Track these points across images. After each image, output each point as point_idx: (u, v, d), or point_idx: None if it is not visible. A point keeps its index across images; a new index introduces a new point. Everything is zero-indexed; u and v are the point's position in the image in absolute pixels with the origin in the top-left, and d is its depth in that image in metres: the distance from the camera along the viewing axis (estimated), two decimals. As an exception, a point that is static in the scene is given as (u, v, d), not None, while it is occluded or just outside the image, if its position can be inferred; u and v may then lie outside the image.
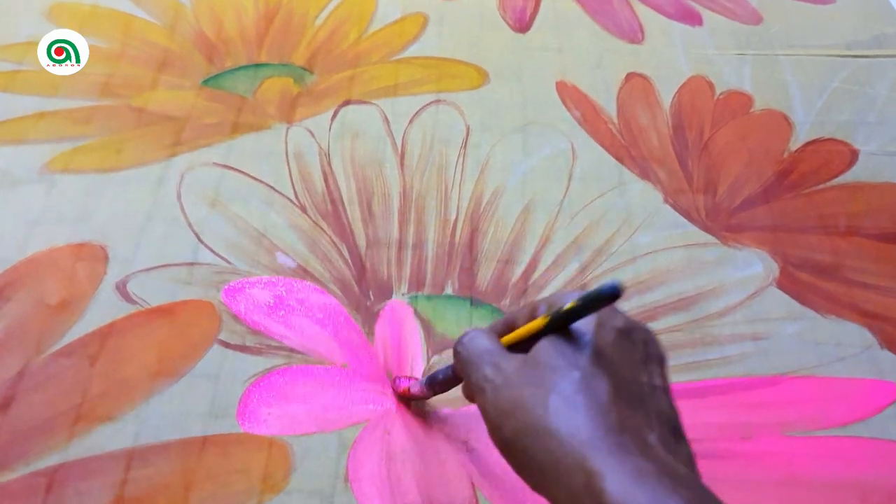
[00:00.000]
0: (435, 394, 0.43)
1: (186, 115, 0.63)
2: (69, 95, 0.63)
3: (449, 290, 0.53)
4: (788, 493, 0.45)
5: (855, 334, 0.53)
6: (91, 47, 0.67)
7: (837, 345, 0.53)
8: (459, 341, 0.36)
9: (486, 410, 0.32)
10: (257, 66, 0.68)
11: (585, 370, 0.30)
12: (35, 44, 0.67)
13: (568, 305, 0.31)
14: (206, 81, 0.66)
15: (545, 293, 0.54)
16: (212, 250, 0.53)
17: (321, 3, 0.75)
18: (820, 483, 0.46)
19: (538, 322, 0.33)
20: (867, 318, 0.54)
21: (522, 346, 0.33)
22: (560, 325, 0.32)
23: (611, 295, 0.29)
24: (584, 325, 0.32)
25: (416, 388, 0.44)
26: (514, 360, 0.32)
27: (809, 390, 0.50)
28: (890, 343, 0.53)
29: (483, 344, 0.34)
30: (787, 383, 0.51)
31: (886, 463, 0.47)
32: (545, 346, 0.32)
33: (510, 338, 0.35)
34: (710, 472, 0.44)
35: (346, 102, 0.65)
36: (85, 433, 0.44)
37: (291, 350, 0.49)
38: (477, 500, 0.43)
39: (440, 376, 0.41)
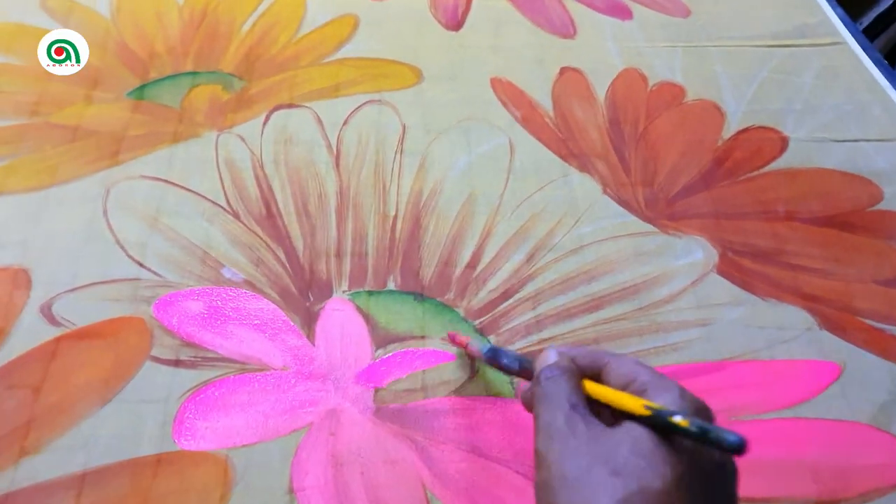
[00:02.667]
0: (491, 367, 0.43)
1: (111, 129, 0.60)
2: None
3: (391, 285, 0.52)
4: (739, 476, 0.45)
5: (795, 317, 0.54)
6: (14, 66, 0.64)
7: (779, 328, 0.53)
8: (545, 373, 0.34)
9: (542, 454, 0.31)
10: (183, 74, 0.66)
11: (678, 479, 0.28)
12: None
13: (679, 421, 0.29)
14: (129, 94, 0.63)
15: (490, 285, 0.53)
16: (141, 265, 0.51)
17: (248, 10, 0.73)
18: (770, 464, 0.46)
19: (635, 407, 0.30)
20: (806, 300, 0.55)
21: (602, 408, 0.32)
22: (659, 427, 0.30)
23: (733, 449, 0.28)
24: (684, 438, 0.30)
25: (474, 347, 0.44)
26: (594, 426, 0.31)
27: (754, 374, 0.51)
28: (829, 324, 0.54)
29: (565, 391, 0.33)
30: (732, 368, 0.51)
31: (835, 441, 0.47)
32: (642, 434, 0.29)
33: (596, 394, 0.33)
34: None
35: (278, 107, 0.64)
36: (30, 456, 0.42)
37: (228, 360, 0.47)
38: (428, 502, 0.42)
39: (504, 361, 0.40)
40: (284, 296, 0.51)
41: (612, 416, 0.32)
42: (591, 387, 0.34)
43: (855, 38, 0.78)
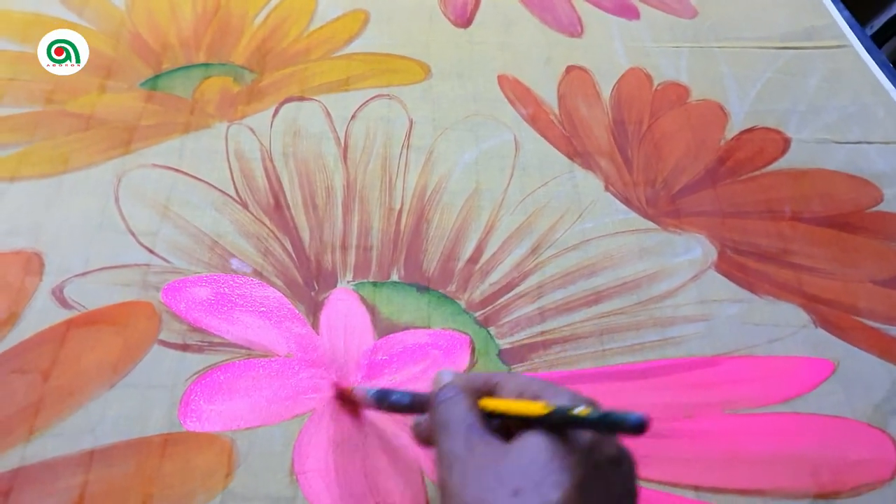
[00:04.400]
0: (380, 410, 0.42)
1: (124, 118, 0.62)
2: (9, 104, 0.62)
3: (395, 277, 0.53)
4: (732, 469, 0.46)
5: (791, 314, 0.55)
6: (30, 55, 0.66)
7: (775, 325, 0.54)
8: (439, 398, 0.34)
9: (443, 482, 0.30)
10: (196, 66, 0.67)
11: (577, 485, 0.28)
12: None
13: (580, 411, 0.29)
14: (143, 84, 0.65)
15: (492, 278, 0.54)
16: (151, 251, 0.53)
17: (260, 3, 0.74)
18: (764, 458, 0.47)
19: (535, 409, 0.30)
20: (803, 298, 0.56)
21: (502, 422, 0.32)
22: (559, 424, 0.30)
23: (635, 427, 0.28)
24: (580, 436, 0.30)
25: (360, 394, 0.43)
26: (493, 445, 0.30)
27: (749, 369, 0.51)
28: (824, 322, 0.54)
29: (462, 412, 0.32)
30: (727, 363, 0.52)
31: (828, 436, 0.48)
32: (538, 443, 0.29)
33: (494, 407, 0.33)
34: (655, 451, 0.45)
35: (288, 99, 0.65)
36: (40, 434, 0.43)
37: (234, 345, 0.48)
38: (426, 488, 0.43)
39: (393, 398, 0.39)
40: (290, 285, 0.52)
41: (508, 431, 0.32)
42: (488, 402, 0.33)
43: (861, 41, 0.79)
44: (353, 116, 0.64)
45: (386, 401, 0.40)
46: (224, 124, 0.62)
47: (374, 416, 0.46)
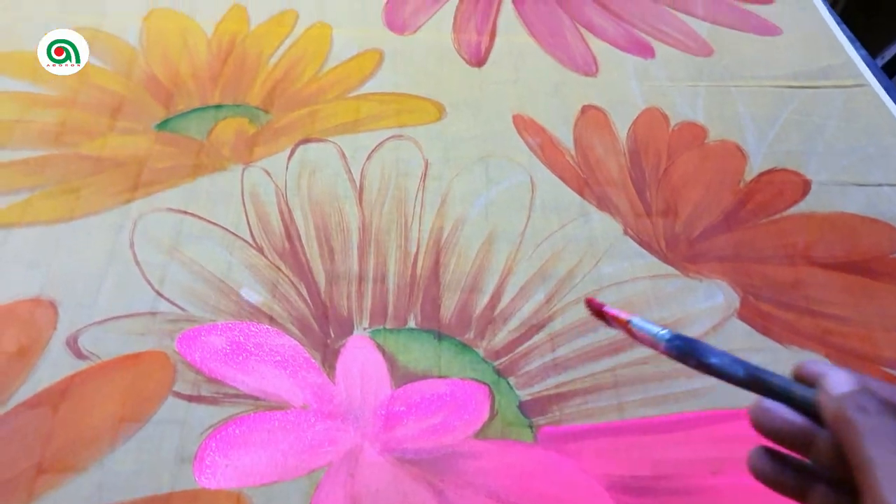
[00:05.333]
0: (677, 360, 0.32)
1: (140, 160, 0.61)
2: (19, 146, 0.62)
3: (412, 324, 0.52)
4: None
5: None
6: (41, 96, 0.66)
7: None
8: (855, 401, 0.29)
9: (877, 495, 0.26)
10: (210, 107, 0.67)
11: None
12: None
13: None
14: (159, 126, 0.64)
15: (510, 325, 0.53)
16: (167, 299, 0.52)
17: (275, 43, 0.74)
18: None
19: None
20: (827, 347, 0.55)
21: None
22: None
23: None
24: None
25: (643, 332, 0.34)
26: None
27: (775, 419, 0.50)
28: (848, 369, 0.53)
29: (886, 419, 0.28)
30: (742, 421, 0.50)
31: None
32: None
33: None
34: None
35: (304, 141, 0.65)
36: (47, 490, 0.42)
37: (249, 396, 0.47)
38: (445, 548, 0.42)
39: (713, 361, 0.32)
40: (306, 332, 0.51)
41: None
42: None
43: (878, 79, 0.78)
44: (368, 157, 0.64)
45: (696, 359, 0.32)
46: (239, 166, 0.62)
47: (390, 470, 0.45)
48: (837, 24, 0.87)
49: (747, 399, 0.49)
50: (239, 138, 0.64)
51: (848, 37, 0.85)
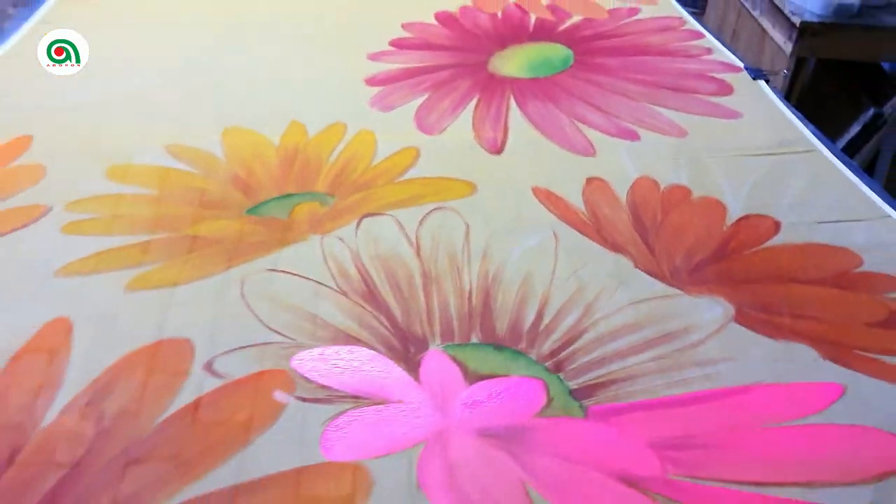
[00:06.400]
0: None
1: (235, 237, 0.76)
2: (122, 233, 0.75)
3: (475, 339, 0.65)
4: (770, 468, 0.56)
5: (803, 352, 0.66)
6: (130, 196, 0.80)
7: (790, 361, 0.65)
8: None
9: None
10: (287, 195, 0.82)
11: None
12: (95, 198, 0.80)
13: None
14: (249, 210, 0.79)
15: (554, 337, 0.66)
16: (276, 332, 0.65)
17: (330, 147, 0.91)
18: (795, 458, 0.57)
19: None
20: (810, 339, 0.68)
21: None
22: None
23: None
24: None
25: None
26: None
27: (774, 394, 0.62)
28: (829, 355, 0.66)
29: None
30: (755, 391, 0.63)
31: (846, 439, 0.58)
32: None
33: None
34: (696, 463, 0.55)
35: (366, 215, 0.79)
36: (199, 477, 0.53)
37: (355, 397, 0.59)
38: (529, 496, 0.53)
39: None
40: (390, 349, 0.64)
41: None
42: None
43: (825, 146, 0.95)
44: (420, 224, 0.78)
45: None
46: (318, 236, 0.76)
47: (473, 442, 0.56)
48: (787, 107, 1.05)
49: (747, 380, 0.61)
50: (313, 216, 0.79)
51: (797, 116, 1.02)
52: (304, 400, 0.59)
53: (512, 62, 1.15)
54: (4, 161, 0.85)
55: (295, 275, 0.71)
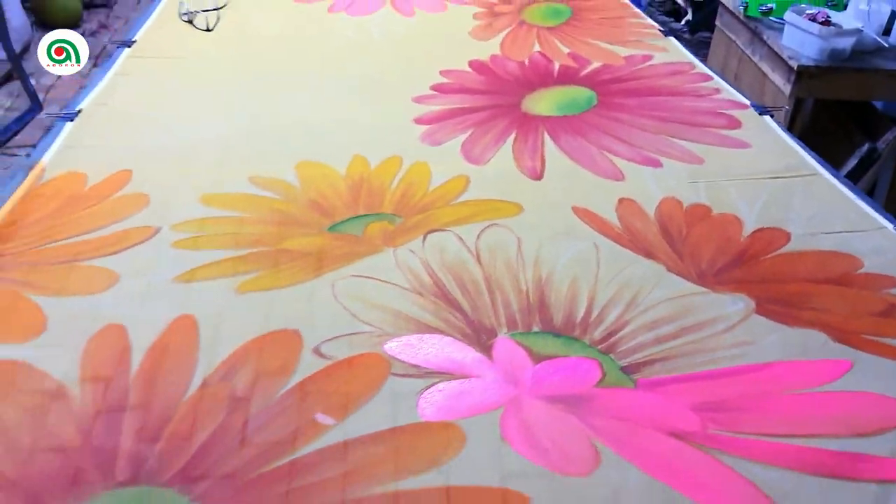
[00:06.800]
0: None
1: (320, 250, 0.88)
2: (224, 248, 0.88)
3: (536, 329, 0.77)
4: (791, 424, 0.67)
5: (815, 337, 0.78)
6: (231, 218, 0.93)
7: (804, 344, 0.77)
8: None
9: None
10: (360, 216, 0.94)
11: None
12: (195, 221, 0.92)
13: None
14: (329, 229, 0.92)
15: (602, 327, 0.77)
16: (368, 324, 0.76)
17: (391, 176, 1.04)
18: (810, 417, 0.68)
19: None
20: (822, 327, 0.79)
21: None
22: None
23: None
24: None
25: None
26: None
27: (791, 369, 0.74)
28: (838, 339, 0.77)
29: None
30: (774, 367, 0.74)
31: (854, 403, 0.70)
32: None
33: None
34: (731, 421, 0.66)
35: (430, 231, 0.91)
36: (310, 440, 0.64)
37: (442, 373, 0.71)
38: (594, 446, 0.64)
39: None
40: (465, 337, 0.75)
41: None
42: None
43: (826, 169, 1.08)
44: (477, 237, 0.90)
45: None
46: (391, 249, 0.88)
47: (544, 406, 0.67)
48: (791, 138, 1.18)
49: (769, 359, 0.72)
50: (385, 233, 0.91)
51: (801, 145, 1.15)
52: (398, 376, 0.70)
53: (542, 103, 1.28)
54: (110, 191, 0.97)
55: (377, 279, 0.83)
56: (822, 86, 1.82)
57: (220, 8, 1.68)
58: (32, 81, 2.69)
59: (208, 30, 1.58)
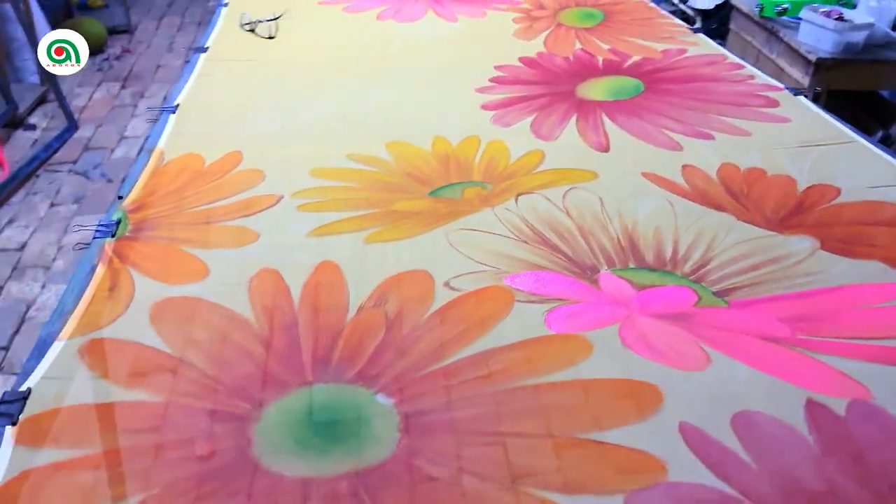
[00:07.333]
0: None
1: (428, 210, 0.99)
2: (344, 209, 0.99)
3: (632, 265, 0.87)
4: (865, 329, 0.78)
5: (874, 266, 0.89)
6: (340, 187, 1.04)
7: (866, 272, 0.88)
8: None
9: None
10: (454, 184, 1.05)
11: None
12: (312, 189, 1.03)
13: None
14: (430, 193, 1.03)
15: (688, 264, 0.88)
16: (486, 265, 0.87)
17: (473, 151, 1.15)
18: (884, 324, 0.79)
19: None
20: (877, 257, 0.90)
21: None
22: None
23: None
24: None
25: None
26: None
27: (861, 290, 0.84)
28: (894, 266, 0.88)
29: None
30: (847, 289, 0.85)
31: None
32: None
33: None
34: (815, 329, 0.83)
35: (520, 194, 1.03)
36: (456, 352, 0.75)
37: (560, 298, 0.81)
38: (702, 348, 0.75)
39: None
40: (572, 274, 0.86)
41: None
42: None
43: (860, 136, 1.19)
44: (563, 198, 1.02)
45: None
46: (490, 209, 0.99)
47: (654, 322, 0.78)
48: (827, 113, 1.30)
49: (838, 283, 0.83)
50: (479, 196, 1.02)
51: (835, 118, 1.27)
52: (521, 301, 0.81)
53: (594, 90, 1.40)
54: (228, 168, 1.08)
55: (484, 231, 0.94)
56: (838, 77, 1.95)
57: (278, 18, 1.80)
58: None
59: (271, 37, 1.71)
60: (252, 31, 1.74)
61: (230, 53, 1.57)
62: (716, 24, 3.05)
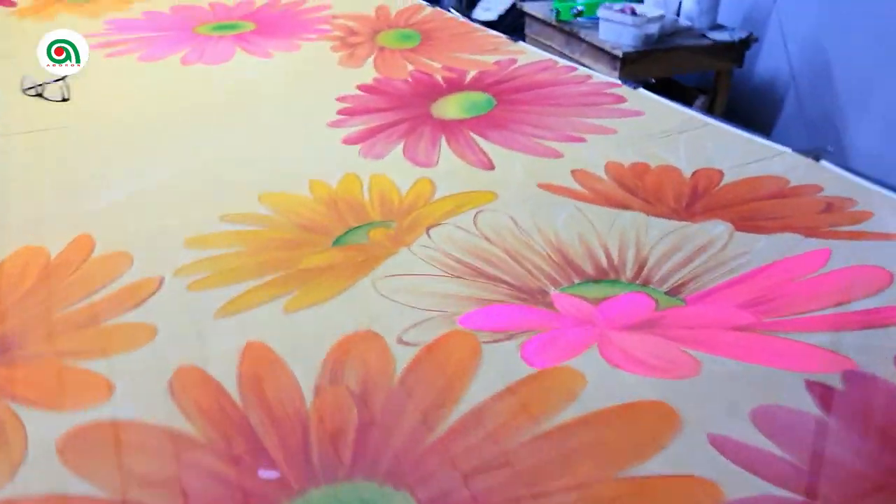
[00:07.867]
0: None
1: (341, 262, 0.88)
2: (245, 280, 0.85)
3: (576, 280, 0.83)
4: (815, 301, 0.79)
5: (791, 238, 0.92)
6: (231, 254, 0.90)
7: (787, 245, 0.90)
8: None
9: None
10: (356, 228, 0.96)
11: None
12: (194, 264, 0.89)
13: None
14: (334, 243, 0.92)
15: (628, 266, 0.86)
16: (429, 310, 0.79)
17: (357, 190, 1.06)
18: (825, 293, 0.81)
19: None
20: (788, 230, 0.93)
21: None
22: None
23: None
24: None
25: None
26: None
27: (792, 263, 0.86)
28: (808, 235, 0.92)
29: None
30: (779, 264, 0.86)
31: (854, 276, 0.83)
32: None
33: None
34: (776, 306, 0.84)
35: (430, 227, 0.95)
36: (442, 418, 0.66)
37: (528, 330, 0.75)
38: (687, 353, 0.72)
39: None
40: (524, 300, 0.80)
41: None
42: None
43: (714, 119, 1.25)
44: (474, 223, 0.96)
45: None
46: (405, 248, 0.91)
47: (628, 335, 0.74)
48: (667, 100, 1.35)
49: (766, 260, 0.84)
50: (388, 236, 0.94)
51: (679, 104, 1.33)
52: (487, 343, 0.73)
53: (449, 108, 1.36)
54: (83, 256, 0.90)
55: (411, 274, 0.85)
56: (641, 68, 2.07)
57: (65, 77, 1.58)
58: None
59: (65, 99, 1.49)
60: (40, 94, 1.51)
61: (22, 125, 1.33)
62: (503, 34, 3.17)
